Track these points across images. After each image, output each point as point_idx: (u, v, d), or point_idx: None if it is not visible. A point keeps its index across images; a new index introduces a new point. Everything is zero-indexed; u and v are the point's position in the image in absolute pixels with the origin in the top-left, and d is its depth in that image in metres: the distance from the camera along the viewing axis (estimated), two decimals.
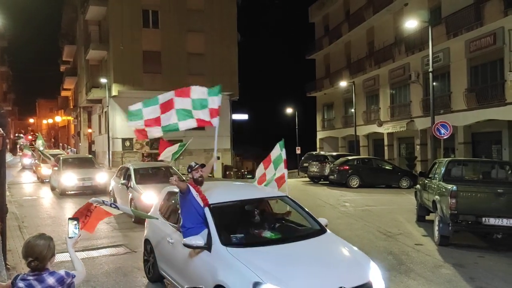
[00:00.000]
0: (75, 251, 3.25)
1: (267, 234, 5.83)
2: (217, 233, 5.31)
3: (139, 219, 12.02)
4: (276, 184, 8.59)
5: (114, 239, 10.21)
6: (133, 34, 31.00)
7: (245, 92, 37.66)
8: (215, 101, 7.28)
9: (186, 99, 7.40)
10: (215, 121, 7.38)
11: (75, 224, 3.24)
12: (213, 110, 7.27)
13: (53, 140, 73.80)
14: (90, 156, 24.20)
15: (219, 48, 32.79)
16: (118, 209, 5.35)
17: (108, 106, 31.03)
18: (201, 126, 7.72)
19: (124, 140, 31.56)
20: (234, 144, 35.16)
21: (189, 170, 6.00)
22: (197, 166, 6.06)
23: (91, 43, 33.24)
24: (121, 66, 30.70)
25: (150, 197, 11.48)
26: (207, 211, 5.58)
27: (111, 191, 14.78)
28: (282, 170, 8.69)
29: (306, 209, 6.40)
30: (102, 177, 18.56)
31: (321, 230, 5.85)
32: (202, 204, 5.60)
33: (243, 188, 8.17)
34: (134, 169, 13.60)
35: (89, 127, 43.29)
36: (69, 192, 18.02)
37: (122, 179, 13.59)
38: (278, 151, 9.03)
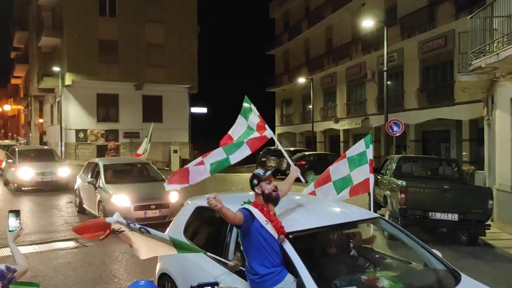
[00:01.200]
0: (23, 245, 3.13)
1: (385, 283, 3.81)
2: (314, 282, 3.47)
3: (82, 209, 12.12)
4: (349, 192, 6.22)
5: (64, 233, 9.91)
6: (89, 22, 29.99)
7: (205, 85, 37.40)
8: (254, 116, 5.91)
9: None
10: (268, 133, 5.84)
11: (16, 217, 3.10)
12: (259, 124, 5.87)
13: (2, 130, 70.47)
14: (50, 148, 22.02)
15: (178, 40, 32.33)
16: (150, 233, 3.77)
17: (61, 96, 29.92)
18: (257, 147, 5.93)
19: (77, 131, 30.59)
20: (192, 137, 34.86)
21: (256, 181, 3.86)
22: (268, 173, 3.91)
23: (44, 30, 31.85)
24: (75, 54, 29.65)
25: (122, 199, 10.20)
26: (287, 245, 3.71)
27: (76, 189, 12.73)
28: (365, 173, 6.15)
29: (415, 237, 4.66)
30: (64, 171, 16.95)
31: (454, 275, 4.16)
32: (276, 236, 3.68)
33: (324, 205, 5.25)
34: (104, 166, 11.66)
35: (41, 117, 41.62)
36: (26, 188, 16.51)
37: (89, 176, 11.72)
38: (362, 148, 6.50)
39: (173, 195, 10.45)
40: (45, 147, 26.32)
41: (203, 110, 40.29)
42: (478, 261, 8.44)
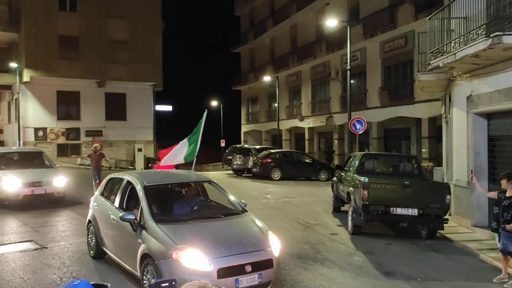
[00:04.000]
0: None
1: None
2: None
3: (100, 253, 10.75)
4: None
5: (22, 235, 9.57)
6: (48, 16, 28.97)
7: (170, 83, 36.97)
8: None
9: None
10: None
11: None
12: None
13: None
14: (38, 149, 17.83)
15: (142, 36, 31.73)
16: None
17: (18, 93, 28.83)
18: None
19: (36, 129, 29.53)
20: (157, 135, 34.36)
21: None
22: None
23: (0, 24, 30.55)
24: (34, 50, 28.59)
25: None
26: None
27: (91, 221, 11.41)
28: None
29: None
30: (60, 181, 13.09)
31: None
32: None
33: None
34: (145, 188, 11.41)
35: None
36: (9, 203, 12.40)
37: (116, 202, 11.35)
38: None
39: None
40: (32, 148, 22.31)
41: (168, 108, 39.78)
42: (437, 254, 8.74)
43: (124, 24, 31.32)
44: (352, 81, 20.71)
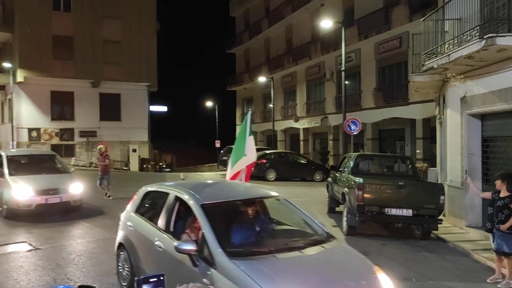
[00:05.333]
0: None
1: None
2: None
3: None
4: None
5: (15, 236, 9.50)
6: (42, 16, 28.86)
7: (165, 83, 36.91)
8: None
9: None
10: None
11: None
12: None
13: None
14: (51, 152, 15.50)
15: (137, 36, 31.68)
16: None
17: (12, 93, 28.67)
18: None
19: (30, 130, 29.38)
20: (152, 136, 34.29)
21: None
22: None
23: None
24: (27, 50, 28.45)
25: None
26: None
27: (121, 244, 10.13)
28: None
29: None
30: (76, 188, 11.69)
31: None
32: None
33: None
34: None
35: None
36: (20, 212, 10.96)
37: (169, 221, 10.98)
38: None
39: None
40: (44, 150, 20.60)
41: (163, 108, 39.75)
42: (431, 254, 8.77)
43: (118, 24, 31.24)
44: (346, 82, 20.77)
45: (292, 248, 4.71)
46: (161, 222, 5.47)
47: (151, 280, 2.22)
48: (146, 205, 6.34)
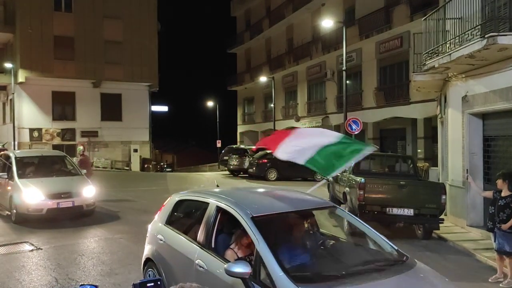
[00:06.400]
0: None
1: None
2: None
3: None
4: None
5: (17, 236, 9.51)
6: (43, 17, 28.93)
7: (166, 83, 36.96)
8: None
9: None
10: None
11: None
12: None
13: None
14: (61, 153, 14.26)
15: (138, 36, 31.72)
16: None
17: (13, 93, 28.72)
18: None
19: (31, 130, 29.45)
20: (153, 136, 34.33)
21: None
22: None
23: None
24: (29, 50, 28.52)
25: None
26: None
27: (151, 257, 9.08)
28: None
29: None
30: (89, 191, 11.19)
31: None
32: None
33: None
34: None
35: None
36: (30, 217, 10.52)
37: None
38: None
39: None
40: (55, 151, 19.16)
41: (164, 108, 39.78)
42: (433, 254, 8.75)
43: (119, 24, 31.29)
44: (348, 82, 20.75)
45: (366, 272, 3.91)
46: (200, 236, 4.66)
47: (148, 284, 2.21)
48: (180, 216, 5.64)
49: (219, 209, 4.60)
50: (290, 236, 4.53)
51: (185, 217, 5.61)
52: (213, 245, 4.50)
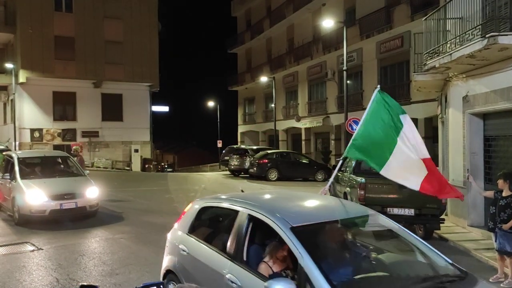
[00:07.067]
0: None
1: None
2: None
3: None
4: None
5: (18, 236, 9.52)
6: (44, 17, 28.96)
7: (166, 83, 36.96)
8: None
9: None
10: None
11: None
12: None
13: None
14: (63, 153, 14.10)
15: (138, 36, 31.74)
16: None
17: (14, 94, 28.74)
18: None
19: (32, 130, 29.48)
20: (154, 136, 34.34)
21: None
22: None
23: None
24: (29, 51, 28.55)
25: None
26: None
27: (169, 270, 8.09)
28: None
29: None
30: (92, 192, 11.10)
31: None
32: None
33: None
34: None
35: None
36: (33, 218, 10.39)
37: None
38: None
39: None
40: (58, 151, 18.44)
41: (165, 108, 39.78)
42: None
43: (120, 24, 31.32)
44: (348, 82, 20.74)
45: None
46: (230, 248, 4.25)
47: (150, 287, 2.21)
48: (204, 224, 5.18)
49: (251, 218, 4.19)
50: (333, 248, 4.11)
51: (211, 226, 5.14)
52: (245, 258, 4.10)
